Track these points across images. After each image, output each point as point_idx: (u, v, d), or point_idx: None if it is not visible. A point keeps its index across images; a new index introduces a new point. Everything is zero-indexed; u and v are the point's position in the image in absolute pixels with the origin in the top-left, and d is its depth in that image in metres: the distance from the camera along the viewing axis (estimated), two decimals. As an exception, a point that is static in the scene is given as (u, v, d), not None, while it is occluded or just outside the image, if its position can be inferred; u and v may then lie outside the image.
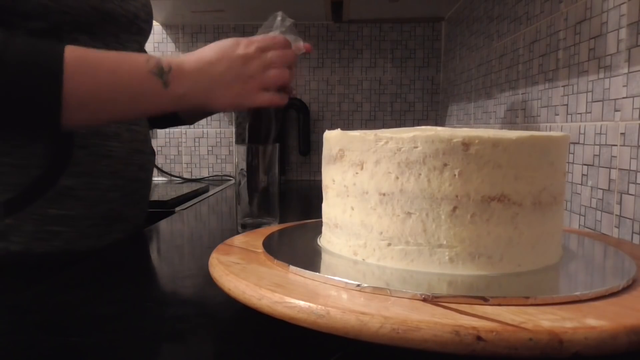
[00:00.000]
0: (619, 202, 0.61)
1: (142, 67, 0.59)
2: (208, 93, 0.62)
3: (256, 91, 0.64)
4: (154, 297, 0.50)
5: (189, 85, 0.61)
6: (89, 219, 0.66)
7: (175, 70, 0.60)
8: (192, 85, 0.61)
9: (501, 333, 0.27)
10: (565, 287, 0.38)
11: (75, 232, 0.65)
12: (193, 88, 0.61)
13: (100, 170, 0.66)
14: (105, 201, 0.68)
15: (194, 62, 0.62)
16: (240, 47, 0.63)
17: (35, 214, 0.62)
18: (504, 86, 1.01)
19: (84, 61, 0.56)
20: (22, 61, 0.53)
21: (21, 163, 0.60)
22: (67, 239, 0.64)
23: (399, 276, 0.37)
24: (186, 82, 0.61)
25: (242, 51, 0.63)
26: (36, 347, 0.36)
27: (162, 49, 1.67)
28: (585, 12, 0.69)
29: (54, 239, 0.63)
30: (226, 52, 0.63)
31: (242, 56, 0.63)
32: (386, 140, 0.39)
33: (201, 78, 0.61)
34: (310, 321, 0.31)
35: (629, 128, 0.59)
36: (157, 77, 0.59)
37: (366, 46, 1.66)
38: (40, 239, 0.62)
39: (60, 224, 0.63)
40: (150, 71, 0.59)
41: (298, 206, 1.15)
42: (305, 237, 0.52)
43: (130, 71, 0.59)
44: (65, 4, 0.59)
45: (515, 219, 0.38)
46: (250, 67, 0.63)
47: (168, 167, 1.70)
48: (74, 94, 0.54)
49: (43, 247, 0.63)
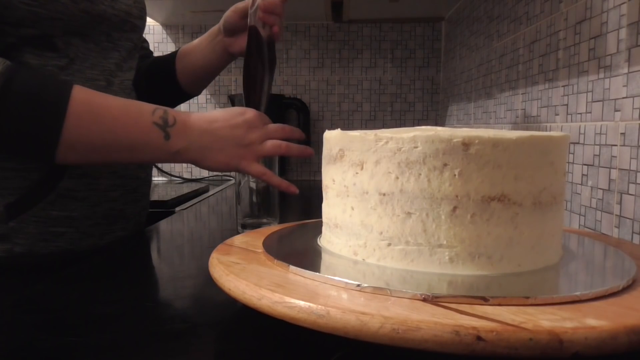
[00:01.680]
0: (619, 202, 0.61)
1: (147, 117, 0.60)
2: (205, 152, 0.63)
3: (251, 158, 0.65)
4: (154, 297, 0.50)
5: (188, 142, 0.61)
6: (91, 218, 0.67)
7: (179, 125, 0.61)
8: (191, 142, 0.62)
9: (501, 333, 0.27)
10: (565, 287, 0.38)
11: (77, 232, 0.65)
12: (192, 145, 0.62)
13: (100, 170, 0.67)
14: (106, 201, 0.68)
15: (199, 120, 0.63)
16: (246, 115, 0.65)
17: (38, 216, 0.62)
18: (504, 86, 1.01)
19: (89, 103, 0.57)
20: (28, 94, 0.53)
21: (22, 167, 0.61)
22: (70, 239, 0.65)
23: (399, 276, 0.37)
24: (187, 138, 0.61)
25: (248, 118, 0.64)
26: (36, 347, 0.36)
27: (162, 49, 1.67)
28: (585, 12, 0.69)
29: (57, 239, 0.64)
30: (233, 116, 0.64)
31: (247, 123, 0.64)
32: (386, 140, 0.39)
33: (202, 136, 0.62)
34: (310, 321, 0.31)
35: (629, 128, 0.59)
36: (160, 129, 0.60)
37: (366, 46, 1.66)
38: (43, 240, 0.63)
39: (63, 225, 0.64)
40: (155, 122, 0.60)
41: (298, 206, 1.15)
42: (305, 237, 0.52)
43: (134, 119, 0.59)
44: (56, 9, 0.59)
45: (515, 219, 0.38)
46: (251, 135, 0.64)
47: (168, 167, 1.71)
48: (73, 136, 0.55)
49: (47, 248, 0.63)
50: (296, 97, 1.65)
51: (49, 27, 0.60)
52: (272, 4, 0.72)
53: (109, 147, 0.58)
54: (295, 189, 0.69)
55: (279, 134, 0.67)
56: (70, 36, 0.62)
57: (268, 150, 0.65)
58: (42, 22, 0.59)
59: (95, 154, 0.59)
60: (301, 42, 1.66)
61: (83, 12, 0.62)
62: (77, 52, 0.63)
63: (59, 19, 0.60)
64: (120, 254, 0.66)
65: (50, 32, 0.60)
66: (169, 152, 0.61)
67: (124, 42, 0.72)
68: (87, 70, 0.65)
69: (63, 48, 0.62)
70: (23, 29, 0.58)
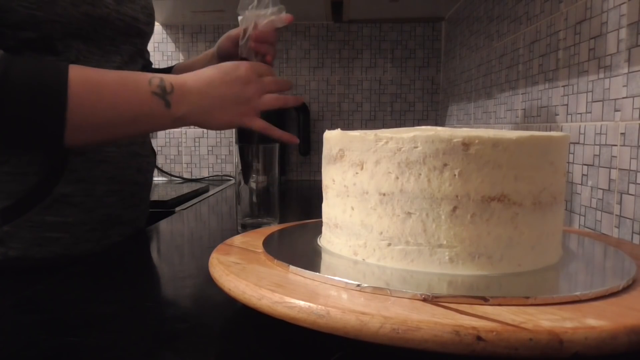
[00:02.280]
0: (619, 202, 0.61)
1: (145, 88, 0.59)
2: (207, 114, 0.63)
3: (252, 114, 0.65)
4: (154, 297, 0.50)
5: (189, 106, 0.61)
6: (87, 224, 0.66)
7: (177, 91, 0.61)
8: (192, 106, 0.62)
9: (501, 333, 0.27)
10: (565, 287, 0.38)
11: (73, 237, 0.65)
12: (193, 109, 0.62)
13: (96, 176, 0.66)
14: (102, 206, 0.68)
15: (196, 83, 0.63)
16: (240, 70, 0.65)
17: (33, 221, 0.61)
18: (504, 86, 1.01)
19: (87, 82, 0.56)
20: (26, 81, 0.52)
21: (18, 171, 0.60)
22: (65, 245, 0.64)
23: (399, 276, 0.37)
24: (187, 102, 0.61)
25: (242, 74, 0.64)
26: (36, 347, 0.36)
27: (162, 49, 1.67)
28: (585, 12, 0.69)
29: (52, 245, 0.63)
30: (227, 74, 0.64)
31: (242, 79, 0.64)
32: (386, 140, 0.39)
33: (202, 99, 0.62)
34: (310, 321, 0.31)
35: (629, 128, 0.59)
36: (159, 97, 0.60)
37: (366, 46, 1.66)
38: (38, 245, 0.62)
39: (58, 230, 0.63)
40: (153, 92, 0.59)
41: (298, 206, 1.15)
42: (305, 237, 0.52)
43: (133, 92, 0.59)
44: (55, 12, 0.58)
45: (515, 219, 0.38)
46: (248, 90, 0.65)
47: (168, 167, 1.70)
48: (78, 115, 0.55)
49: (41, 253, 0.63)
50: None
51: (49, 30, 0.59)
52: (264, 33, 0.71)
53: (113, 122, 0.58)
54: (297, 139, 0.71)
55: (275, 86, 0.68)
56: (70, 39, 0.62)
57: (267, 103, 0.66)
58: (41, 24, 0.58)
59: (101, 131, 0.58)
60: (301, 42, 1.66)
61: (84, 15, 0.61)
62: (78, 55, 0.63)
63: (59, 22, 0.59)
64: (120, 254, 0.66)
65: (49, 35, 0.60)
66: (172, 119, 0.61)
67: (127, 46, 0.71)
68: None
69: (63, 51, 0.61)
70: (22, 31, 0.58)
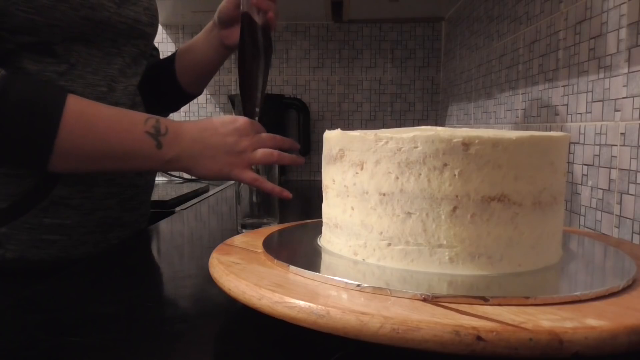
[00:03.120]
0: (619, 202, 0.61)
1: (139, 127, 0.60)
2: (196, 160, 0.63)
3: (243, 166, 0.65)
4: (154, 297, 0.50)
5: (180, 150, 0.62)
6: (85, 227, 0.66)
7: (171, 134, 0.61)
8: (183, 150, 0.62)
9: (501, 333, 0.27)
10: (565, 287, 0.38)
11: (70, 240, 0.65)
12: (184, 153, 0.62)
13: (94, 178, 0.66)
14: (100, 209, 0.67)
15: (191, 129, 0.63)
16: (237, 122, 0.65)
17: (30, 223, 0.61)
18: (504, 86, 1.01)
19: (83, 115, 0.57)
20: (24, 102, 0.53)
21: (15, 173, 0.60)
22: (62, 247, 0.64)
23: (399, 276, 0.37)
24: (179, 146, 0.62)
25: (239, 126, 0.65)
26: (36, 347, 0.36)
27: (162, 49, 1.66)
28: (585, 12, 0.69)
29: (49, 247, 0.63)
30: (224, 125, 0.64)
31: (238, 131, 0.64)
32: (386, 140, 0.39)
33: (194, 145, 0.62)
34: (310, 321, 0.31)
35: (629, 128, 0.59)
36: (152, 137, 0.60)
37: (366, 46, 1.66)
38: (35, 247, 0.62)
39: (55, 232, 0.63)
40: (147, 131, 0.60)
41: (298, 206, 1.15)
42: (305, 237, 0.52)
43: (126, 128, 0.59)
44: (54, 17, 0.58)
45: (515, 219, 0.38)
46: (242, 142, 0.64)
47: (168, 167, 1.70)
48: (66, 145, 0.55)
49: (39, 255, 0.62)
50: (296, 97, 1.65)
51: (48, 34, 0.59)
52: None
53: (101, 156, 0.59)
54: (289, 194, 0.69)
55: (270, 143, 0.67)
56: (71, 42, 0.62)
57: (259, 158, 0.65)
58: (40, 29, 0.58)
59: (88, 162, 0.59)
60: (301, 42, 1.66)
61: (84, 20, 0.61)
62: (78, 58, 0.63)
63: (58, 26, 0.59)
64: (120, 254, 0.66)
65: (48, 39, 0.59)
66: (161, 161, 0.61)
67: (129, 48, 0.71)
68: (89, 75, 0.64)
69: (63, 54, 0.61)
70: (21, 35, 0.58)
